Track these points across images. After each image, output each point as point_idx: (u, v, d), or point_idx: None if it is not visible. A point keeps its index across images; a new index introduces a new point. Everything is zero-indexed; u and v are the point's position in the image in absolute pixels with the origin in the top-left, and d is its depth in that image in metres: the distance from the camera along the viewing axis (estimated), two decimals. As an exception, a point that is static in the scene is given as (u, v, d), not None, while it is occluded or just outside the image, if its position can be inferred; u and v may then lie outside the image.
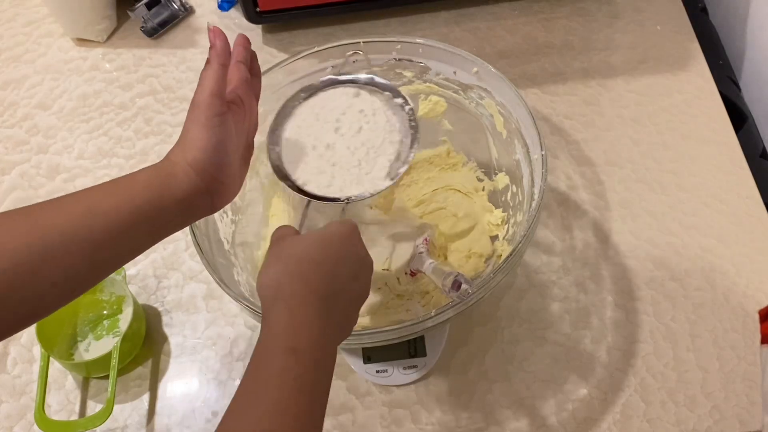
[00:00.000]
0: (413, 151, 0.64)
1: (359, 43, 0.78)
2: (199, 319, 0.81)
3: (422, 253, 0.74)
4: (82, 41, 1.04)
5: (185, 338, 0.80)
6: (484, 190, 0.83)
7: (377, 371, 0.75)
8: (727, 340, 0.77)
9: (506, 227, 0.78)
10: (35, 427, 0.73)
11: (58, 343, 0.78)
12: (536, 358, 0.77)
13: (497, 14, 1.03)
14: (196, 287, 0.83)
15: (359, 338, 0.66)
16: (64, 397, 0.78)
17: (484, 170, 0.84)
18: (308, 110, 0.67)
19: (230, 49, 0.59)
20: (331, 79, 0.68)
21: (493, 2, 1.03)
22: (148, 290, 0.83)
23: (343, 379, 0.77)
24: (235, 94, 0.59)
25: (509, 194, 0.80)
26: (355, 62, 0.73)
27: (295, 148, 0.66)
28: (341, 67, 0.72)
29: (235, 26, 1.03)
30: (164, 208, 0.53)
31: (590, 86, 0.95)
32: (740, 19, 1.00)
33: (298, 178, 0.64)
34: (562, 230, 0.84)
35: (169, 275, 0.84)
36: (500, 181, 0.81)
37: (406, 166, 0.64)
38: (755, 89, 0.98)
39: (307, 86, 0.68)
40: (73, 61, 1.02)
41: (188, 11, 1.05)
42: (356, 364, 0.76)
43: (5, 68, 1.02)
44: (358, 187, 0.63)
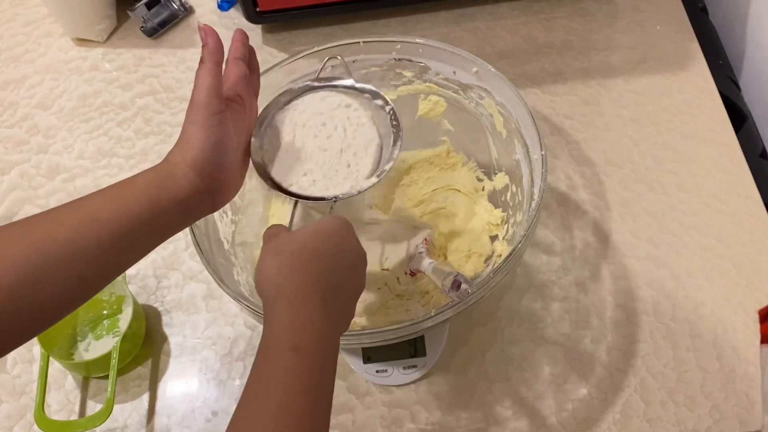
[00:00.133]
0: (396, 149, 0.65)
1: (359, 43, 0.78)
2: (198, 319, 0.81)
3: (422, 253, 0.74)
4: (82, 41, 1.04)
5: (185, 338, 0.80)
6: (483, 190, 0.83)
7: (377, 371, 0.75)
8: (727, 340, 0.77)
9: (506, 227, 0.78)
10: (35, 427, 0.73)
11: (57, 343, 0.78)
12: (536, 358, 0.77)
13: (497, 14, 1.02)
14: (196, 287, 0.83)
15: (359, 338, 0.66)
16: (63, 396, 0.78)
17: (483, 170, 0.84)
18: (289, 115, 0.67)
19: (223, 46, 0.58)
20: (309, 85, 0.69)
21: (493, 2, 1.03)
22: (147, 290, 0.83)
23: (343, 379, 0.77)
24: (233, 91, 0.59)
25: (509, 194, 0.80)
26: (333, 67, 0.74)
27: (280, 152, 0.66)
28: (320, 73, 0.73)
29: (234, 26, 1.02)
30: (164, 210, 0.53)
31: (590, 86, 0.95)
32: (740, 19, 1.00)
33: (284, 180, 0.65)
34: (561, 230, 0.84)
35: (168, 275, 0.84)
36: (500, 181, 0.81)
37: (391, 163, 0.65)
38: (755, 89, 0.98)
39: (286, 91, 0.69)
40: (73, 61, 1.02)
41: (188, 11, 1.05)
42: (356, 364, 0.76)
43: (5, 68, 1.02)
44: (344, 186, 0.64)
